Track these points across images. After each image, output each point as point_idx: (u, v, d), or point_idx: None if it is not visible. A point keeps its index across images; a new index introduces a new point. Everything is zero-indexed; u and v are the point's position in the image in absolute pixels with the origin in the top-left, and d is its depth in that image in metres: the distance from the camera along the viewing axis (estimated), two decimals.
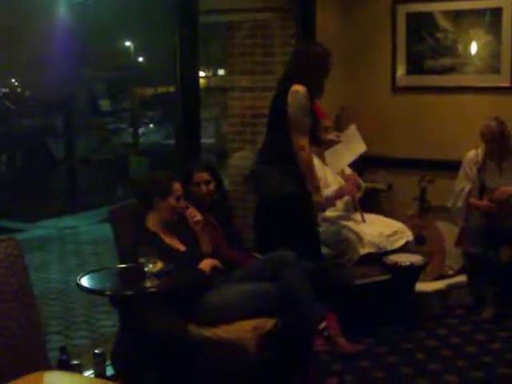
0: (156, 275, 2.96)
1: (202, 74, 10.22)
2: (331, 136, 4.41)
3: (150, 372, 3.10)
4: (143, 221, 3.37)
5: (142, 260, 2.99)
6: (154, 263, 2.98)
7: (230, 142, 5.69)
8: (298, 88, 3.82)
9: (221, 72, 13.55)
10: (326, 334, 3.60)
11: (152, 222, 3.37)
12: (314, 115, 3.98)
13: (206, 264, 3.32)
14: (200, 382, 3.29)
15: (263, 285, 3.40)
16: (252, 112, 5.41)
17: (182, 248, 3.40)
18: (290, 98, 3.82)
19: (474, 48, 5.39)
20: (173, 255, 3.26)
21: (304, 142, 3.83)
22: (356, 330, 4.07)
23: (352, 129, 4.93)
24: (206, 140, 9.69)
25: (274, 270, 3.44)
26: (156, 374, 3.12)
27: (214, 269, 3.32)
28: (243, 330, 3.23)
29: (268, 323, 3.32)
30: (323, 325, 3.57)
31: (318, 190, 4.00)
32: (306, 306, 3.40)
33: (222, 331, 3.23)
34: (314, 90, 3.97)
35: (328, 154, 4.74)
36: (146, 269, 2.96)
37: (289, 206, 3.89)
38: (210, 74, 14.61)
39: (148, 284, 2.94)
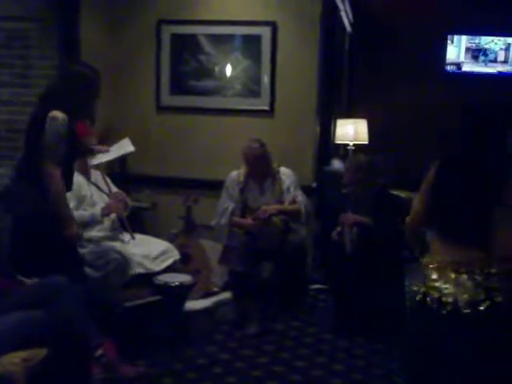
0: None
1: None
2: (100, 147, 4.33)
3: None
4: None
5: None
6: None
7: None
8: (57, 114, 3.61)
9: None
10: (103, 360, 3.46)
11: None
12: (73, 137, 3.80)
13: None
14: None
15: (34, 313, 3.18)
16: (10, 127, 5.06)
17: None
18: (47, 123, 3.62)
19: (234, 72, 5.59)
20: None
21: (53, 169, 3.61)
22: (129, 352, 3.96)
23: (125, 140, 4.77)
24: None
25: (46, 296, 3.25)
26: None
27: None
28: (11, 362, 2.97)
29: (39, 354, 3.09)
30: (100, 352, 3.44)
31: (67, 222, 3.68)
32: (80, 333, 3.27)
33: None
34: (80, 114, 3.82)
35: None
36: None
37: (43, 225, 3.69)
38: None
39: None
